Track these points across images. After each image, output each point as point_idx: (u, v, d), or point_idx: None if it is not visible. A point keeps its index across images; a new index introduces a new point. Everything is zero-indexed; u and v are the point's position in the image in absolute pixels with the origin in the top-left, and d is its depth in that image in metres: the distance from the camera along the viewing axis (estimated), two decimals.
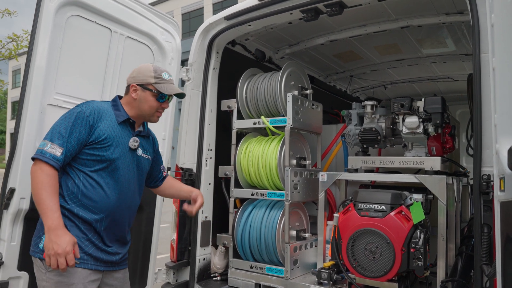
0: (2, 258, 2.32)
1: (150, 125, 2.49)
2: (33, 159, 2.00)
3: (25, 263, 2.39)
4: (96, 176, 2.09)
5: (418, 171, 2.97)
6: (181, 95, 2.42)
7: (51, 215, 1.90)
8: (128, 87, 2.28)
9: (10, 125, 47.80)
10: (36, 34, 2.51)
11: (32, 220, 2.45)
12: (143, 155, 2.32)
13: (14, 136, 2.44)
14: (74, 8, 2.70)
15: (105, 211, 2.12)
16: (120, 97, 2.32)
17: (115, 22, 2.93)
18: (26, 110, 2.45)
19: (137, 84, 2.22)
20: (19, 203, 2.37)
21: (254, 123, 3.31)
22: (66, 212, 2.04)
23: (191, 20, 30.66)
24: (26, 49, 7.30)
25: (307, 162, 3.31)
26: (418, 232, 2.52)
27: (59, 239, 1.88)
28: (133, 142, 2.22)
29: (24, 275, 2.41)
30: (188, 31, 29.15)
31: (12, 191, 2.35)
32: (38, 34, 2.52)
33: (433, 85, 5.38)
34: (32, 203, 2.42)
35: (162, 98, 2.24)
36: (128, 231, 2.33)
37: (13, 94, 46.11)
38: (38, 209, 1.94)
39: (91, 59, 2.83)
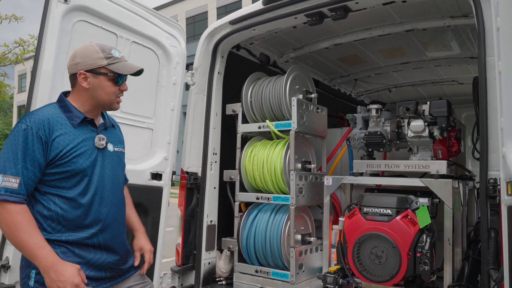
0: (9, 262, 2.33)
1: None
2: None
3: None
4: (72, 194, 1.81)
5: (423, 174, 2.95)
6: (140, 72, 2.04)
7: (41, 253, 1.66)
8: (73, 77, 1.90)
9: None
10: (43, 39, 2.54)
11: None
12: (115, 149, 2.03)
13: None
14: (81, 14, 2.73)
15: (95, 225, 1.86)
16: (66, 94, 1.95)
17: (121, 27, 2.95)
18: None
19: (86, 71, 1.86)
20: None
21: (259, 127, 3.32)
22: (53, 243, 1.77)
23: (195, 24, 30.79)
24: (33, 54, 7.37)
25: (312, 166, 3.31)
26: (425, 236, 2.51)
27: (61, 275, 1.65)
28: (99, 141, 1.92)
29: None
30: (192, 35, 29.26)
31: None
32: (45, 39, 2.54)
33: (438, 88, 5.36)
34: None
35: (120, 81, 1.94)
36: (124, 232, 2.07)
37: (19, 98, 46.47)
38: (23, 253, 1.70)
39: None
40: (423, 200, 2.70)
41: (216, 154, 3.48)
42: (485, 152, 2.23)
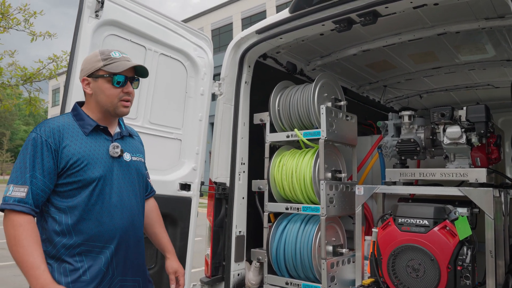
0: None
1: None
2: (1, 210, 1.65)
3: None
4: (85, 206, 1.73)
5: (461, 183, 2.82)
6: (142, 71, 1.91)
7: (34, 273, 1.58)
8: (82, 85, 1.89)
9: None
10: (75, 53, 2.60)
11: None
12: (133, 158, 1.93)
13: None
14: (111, 28, 2.79)
15: (111, 240, 1.77)
16: (81, 104, 1.92)
17: (150, 40, 3.00)
18: None
19: (87, 76, 1.83)
20: None
21: (287, 136, 3.28)
22: (65, 265, 1.69)
23: (220, 36, 31.23)
24: (65, 69, 7.63)
25: (343, 175, 3.23)
26: (465, 249, 2.38)
27: None
28: (113, 149, 1.83)
29: None
30: (217, 46, 29.67)
31: None
32: (77, 54, 2.60)
33: (472, 93, 5.16)
34: None
35: (119, 82, 1.81)
36: (142, 251, 1.96)
37: (53, 112, 48.34)
38: (20, 269, 1.61)
39: None
40: (462, 210, 2.57)
41: (244, 164, 3.45)
42: None
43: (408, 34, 3.54)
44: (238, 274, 3.33)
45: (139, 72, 1.91)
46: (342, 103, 3.37)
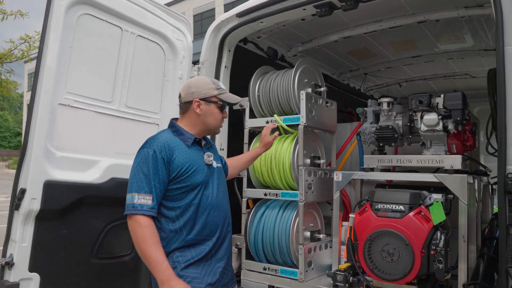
0: (13, 259, 2.30)
1: None
2: (126, 215, 1.97)
3: (36, 265, 2.37)
4: (191, 207, 2.06)
5: (437, 170, 2.86)
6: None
7: (160, 268, 1.89)
8: (188, 104, 2.18)
9: None
10: (46, 34, 2.50)
11: (44, 221, 2.44)
12: (218, 165, 2.30)
13: (25, 137, 2.43)
14: (85, 7, 2.68)
15: (212, 234, 2.12)
16: (175, 119, 2.26)
17: (126, 21, 2.91)
18: (37, 110, 2.43)
19: (200, 99, 2.16)
20: (30, 203, 2.35)
21: (267, 122, 3.25)
22: (176, 253, 2.04)
23: (202, 21, 30.72)
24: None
25: (321, 161, 3.23)
26: (439, 234, 2.42)
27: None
28: (208, 157, 2.19)
29: (35, 276, 2.39)
30: (200, 32, 29.22)
31: (23, 191, 2.34)
32: (49, 34, 2.50)
33: (450, 82, 5.24)
34: (43, 203, 2.41)
35: (223, 108, 2.24)
36: (231, 243, 2.32)
37: (28, 97, 47.02)
38: (146, 264, 1.93)
39: (102, 58, 2.81)
40: (437, 196, 2.61)
41: (223, 149, 3.41)
42: (503, 146, 2.14)
43: (389, 21, 3.54)
44: None
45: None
46: (322, 89, 3.35)
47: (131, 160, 2.93)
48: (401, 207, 2.50)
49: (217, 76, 3.38)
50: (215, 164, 2.24)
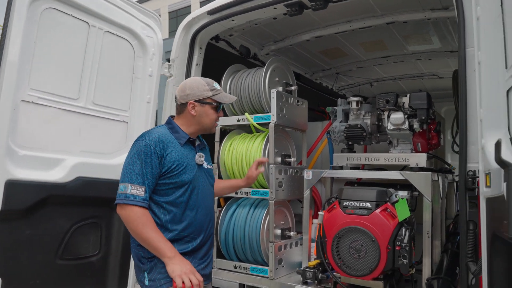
0: None
1: None
2: (117, 204, 2.00)
3: None
4: (178, 203, 2.10)
5: (404, 167, 2.93)
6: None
7: (165, 246, 1.97)
8: (183, 105, 2.22)
9: None
10: (8, 28, 2.41)
11: (5, 221, 2.35)
12: (209, 166, 2.34)
13: None
14: (49, 1, 2.60)
15: (196, 232, 2.15)
16: (172, 116, 2.30)
17: (93, 16, 2.83)
18: None
19: (195, 101, 2.19)
20: None
21: (238, 120, 3.24)
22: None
23: (178, 19, 30.36)
24: None
25: (292, 159, 3.25)
26: (404, 230, 2.48)
27: (185, 263, 1.99)
28: (199, 158, 2.23)
29: None
30: (175, 29, 28.88)
31: None
32: (11, 28, 2.41)
33: (419, 83, 5.38)
34: (4, 203, 2.33)
35: (218, 108, 2.26)
36: (212, 242, 2.36)
37: None
38: (149, 248, 1.98)
39: (68, 54, 2.73)
40: (403, 193, 2.68)
41: None
42: (464, 144, 2.21)
43: (359, 21, 3.60)
44: None
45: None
46: (293, 88, 3.37)
47: (98, 159, 2.91)
48: (368, 204, 2.55)
49: (188, 74, 3.35)
50: (206, 165, 2.28)
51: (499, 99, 1.76)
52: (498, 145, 1.51)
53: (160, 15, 3.37)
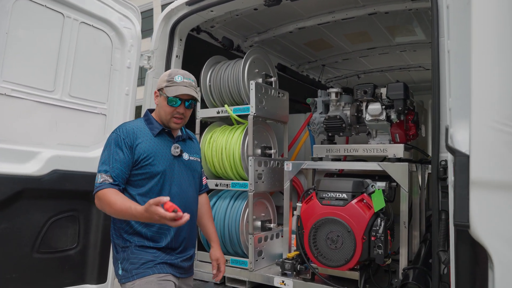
0: None
1: None
2: (94, 195, 2.03)
3: None
4: (151, 194, 2.08)
5: (384, 159, 2.93)
6: (193, 99, 2.18)
7: (135, 207, 1.88)
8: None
9: None
10: None
11: None
12: (191, 158, 2.28)
13: None
14: None
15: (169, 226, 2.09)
16: (151, 110, 2.30)
17: (68, 6, 2.78)
18: None
19: (157, 90, 2.20)
20: None
21: (218, 112, 3.23)
22: (132, 240, 2.08)
23: None
24: None
25: (272, 151, 3.24)
26: (379, 220, 2.49)
27: (158, 209, 1.78)
28: (174, 149, 2.18)
29: None
30: None
31: None
32: None
33: (406, 74, 5.36)
34: None
35: (173, 102, 2.11)
36: (194, 236, 2.33)
37: None
38: (127, 218, 1.97)
39: (42, 45, 2.68)
40: (380, 184, 2.68)
41: None
42: (436, 134, 2.20)
43: (341, 12, 3.58)
44: None
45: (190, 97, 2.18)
46: (273, 79, 3.36)
47: (75, 151, 2.88)
48: (344, 195, 2.55)
49: (167, 66, 3.32)
50: (187, 157, 2.24)
51: (468, 88, 1.75)
52: (446, 131, 1.50)
53: (152, 8, 3.31)
